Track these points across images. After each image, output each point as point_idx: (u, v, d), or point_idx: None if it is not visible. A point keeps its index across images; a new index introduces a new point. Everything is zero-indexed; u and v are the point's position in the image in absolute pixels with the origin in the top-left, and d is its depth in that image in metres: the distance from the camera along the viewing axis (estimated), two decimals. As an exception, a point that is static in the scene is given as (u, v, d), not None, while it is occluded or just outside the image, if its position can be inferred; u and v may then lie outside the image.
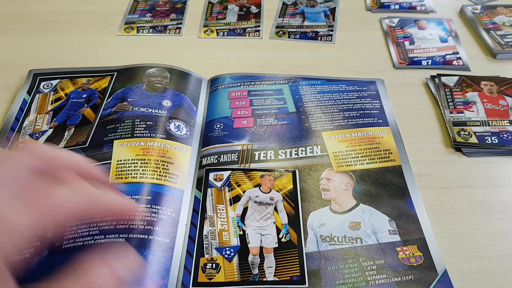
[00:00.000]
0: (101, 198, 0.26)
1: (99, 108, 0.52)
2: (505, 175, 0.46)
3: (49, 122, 0.51)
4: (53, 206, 0.23)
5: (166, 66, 0.56)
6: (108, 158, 0.45)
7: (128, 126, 0.48)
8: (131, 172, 0.43)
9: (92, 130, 0.49)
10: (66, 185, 0.24)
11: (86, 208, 0.25)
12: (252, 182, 0.44)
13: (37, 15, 0.71)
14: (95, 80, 0.56)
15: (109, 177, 0.43)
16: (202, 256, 0.39)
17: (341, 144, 0.48)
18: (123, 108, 0.51)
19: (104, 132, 0.48)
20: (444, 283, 0.37)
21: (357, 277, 0.37)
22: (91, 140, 0.47)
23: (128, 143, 0.46)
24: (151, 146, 0.46)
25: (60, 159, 0.26)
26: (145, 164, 0.44)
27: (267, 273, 0.38)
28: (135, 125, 0.48)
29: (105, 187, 0.27)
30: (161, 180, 0.43)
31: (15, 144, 0.48)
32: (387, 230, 0.40)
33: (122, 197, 0.29)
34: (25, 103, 0.53)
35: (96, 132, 0.48)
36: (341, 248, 0.39)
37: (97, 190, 0.26)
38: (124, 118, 0.49)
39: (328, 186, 0.44)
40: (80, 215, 0.25)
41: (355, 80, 0.57)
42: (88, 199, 0.25)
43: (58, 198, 0.23)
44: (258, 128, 0.50)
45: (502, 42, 0.63)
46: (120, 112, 0.50)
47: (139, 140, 0.47)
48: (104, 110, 0.51)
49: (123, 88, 0.53)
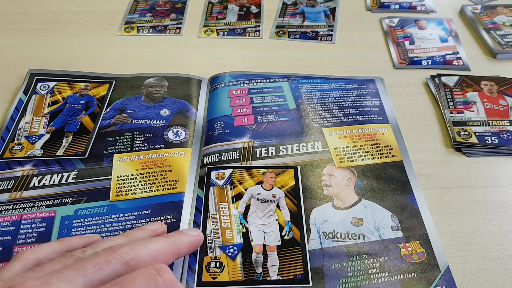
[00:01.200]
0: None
1: (98, 117, 0.52)
2: (505, 175, 0.46)
3: (45, 125, 0.51)
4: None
5: (164, 74, 0.56)
6: (109, 174, 0.45)
7: (127, 139, 0.49)
8: (130, 188, 0.44)
9: (91, 140, 0.49)
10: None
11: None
12: (254, 180, 0.44)
13: (37, 15, 0.71)
14: (93, 87, 0.56)
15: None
16: (205, 255, 0.39)
17: (342, 140, 0.49)
18: (123, 120, 0.51)
19: (104, 145, 0.48)
20: (447, 280, 0.37)
21: (360, 275, 0.37)
22: (90, 152, 0.48)
23: (127, 158, 0.47)
24: (150, 159, 0.46)
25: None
26: (144, 178, 0.44)
27: (270, 272, 0.38)
28: (134, 138, 0.49)
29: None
30: (160, 190, 0.43)
31: (10, 146, 0.48)
32: (389, 226, 0.41)
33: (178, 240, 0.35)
34: (21, 103, 0.53)
35: (95, 143, 0.48)
36: (344, 245, 0.39)
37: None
38: (123, 130, 0.50)
39: (330, 182, 0.44)
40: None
41: (354, 78, 0.57)
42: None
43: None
44: (259, 126, 0.50)
45: (502, 42, 0.63)
46: (119, 124, 0.50)
47: (138, 154, 0.47)
48: (103, 121, 0.51)
49: (122, 99, 0.54)
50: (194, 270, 0.38)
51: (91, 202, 0.42)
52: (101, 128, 0.50)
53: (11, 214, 0.42)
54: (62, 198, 0.43)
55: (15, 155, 0.47)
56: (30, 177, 0.45)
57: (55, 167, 0.46)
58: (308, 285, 0.37)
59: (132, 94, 0.54)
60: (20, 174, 0.45)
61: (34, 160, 0.47)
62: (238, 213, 0.42)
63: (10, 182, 0.44)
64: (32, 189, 0.44)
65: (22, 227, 0.40)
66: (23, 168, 0.46)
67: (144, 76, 0.56)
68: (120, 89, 0.55)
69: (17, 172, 0.45)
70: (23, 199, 0.43)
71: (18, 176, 0.45)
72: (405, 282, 0.37)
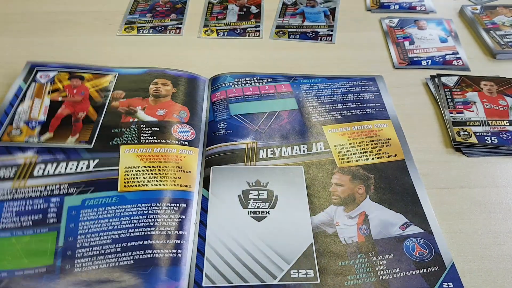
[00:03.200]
0: None
1: (102, 107, 0.51)
2: (505, 175, 0.46)
3: (45, 112, 0.50)
4: None
5: (169, 73, 0.56)
6: (116, 164, 0.45)
7: (134, 131, 0.48)
8: (140, 179, 0.43)
9: (96, 130, 0.49)
10: None
11: None
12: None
13: (37, 15, 0.71)
14: (95, 77, 0.55)
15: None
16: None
17: (341, 137, 0.49)
18: (128, 109, 0.51)
19: (110, 135, 0.48)
20: (452, 276, 0.37)
21: (367, 272, 0.37)
22: (96, 141, 0.47)
23: (135, 149, 0.46)
24: (159, 153, 0.46)
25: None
26: (153, 171, 0.44)
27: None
28: (141, 130, 0.48)
29: None
30: (169, 185, 0.43)
31: (8, 130, 0.48)
32: (396, 225, 0.41)
33: None
34: (20, 90, 0.53)
35: (101, 133, 0.48)
36: (351, 244, 0.39)
37: None
38: (129, 123, 0.49)
39: (338, 191, 0.44)
40: None
41: (354, 77, 0.57)
42: None
43: None
44: (262, 126, 0.50)
45: (502, 42, 0.63)
46: (126, 112, 0.50)
47: (146, 147, 0.47)
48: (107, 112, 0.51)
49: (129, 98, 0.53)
50: (202, 269, 0.38)
51: (99, 192, 0.42)
52: (105, 118, 0.50)
53: (16, 204, 0.41)
54: (68, 188, 0.43)
55: (13, 140, 0.47)
56: (33, 165, 0.44)
57: (59, 156, 0.45)
58: (316, 281, 0.37)
59: (135, 87, 0.54)
60: (22, 161, 0.45)
61: (36, 147, 0.46)
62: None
63: (12, 169, 0.44)
64: (37, 178, 0.43)
65: (27, 220, 0.40)
66: (25, 154, 0.45)
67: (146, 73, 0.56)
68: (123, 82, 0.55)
69: (19, 159, 0.45)
70: (28, 188, 0.42)
71: (21, 164, 0.44)
72: (411, 279, 0.37)
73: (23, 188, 0.42)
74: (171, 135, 0.48)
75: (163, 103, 0.52)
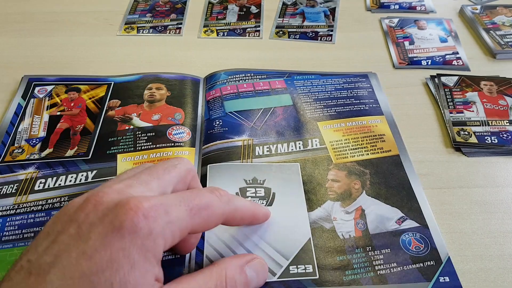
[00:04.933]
0: (245, 205, 0.35)
1: (98, 118, 0.51)
2: (504, 175, 0.46)
3: (45, 128, 0.51)
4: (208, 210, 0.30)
5: (160, 75, 0.56)
6: (113, 173, 0.45)
7: (130, 139, 0.48)
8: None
9: (93, 141, 0.49)
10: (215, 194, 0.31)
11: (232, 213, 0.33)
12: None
13: (37, 15, 0.71)
14: (91, 88, 0.55)
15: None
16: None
17: (336, 133, 0.49)
18: (124, 117, 0.51)
19: (106, 145, 0.48)
20: (448, 270, 0.37)
21: (365, 266, 0.37)
22: (93, 152, 0.47)
23: (131, 157, 0.47)
24: (155, 158, 0.46)
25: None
26: None
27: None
28: (137, 137, 0.49)
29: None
30: None
31: (11, 149, 0.48)
32: (392, 220, 0.41)
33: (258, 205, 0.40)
34: (20, 108, 0.53)
35: (98, 144, 0.48)
36: (348, 238, 0.39)
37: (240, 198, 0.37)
38: (125, 130, 0.50)
39: (334, 187, 0.44)
40: (226, 220, 0.32)
41: (348, 74, 0.58)
42: (234, 206, 0.33)
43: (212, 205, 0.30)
44: (257, 123, 0.50)
45: (502, 42, 0.63)
46: (121, 120, 0.51)
47: (142, 153, 0.47)
48: (104, 122, 0.51)
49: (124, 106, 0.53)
50: (201, 267, 0.38)
51: None
52: (102, 128, 0.50)
53: (18, 218, 0.41)
54: (68, 200, 0.42)
55: (16, 158, 0.47)
56: (34, 180, 0.44)
57: (58, 169, 0.46)
58: (315, 277, 0.37)
59: (131, 97, 0.54)
60: (23, 177, 0.45)
61: (36, 163, 0.46)
62: None
63: (14, 186, 0.44)
64: (37, 193, 0.43)
65: (28, 232, 0.40)
66: (26, 171, 0.45)
67: (143, 80, 0.56)
68: (119, 91, 0.55)
69: (20, 175, 0.45)
70: (29, 203, 0.42)
71: (22, 180, 0.44)
72: (408, 274, 0.37)
73: (24, 203, 0.42)
74: (166, 138, 0.48)
75: (158, 107, 0.52)
